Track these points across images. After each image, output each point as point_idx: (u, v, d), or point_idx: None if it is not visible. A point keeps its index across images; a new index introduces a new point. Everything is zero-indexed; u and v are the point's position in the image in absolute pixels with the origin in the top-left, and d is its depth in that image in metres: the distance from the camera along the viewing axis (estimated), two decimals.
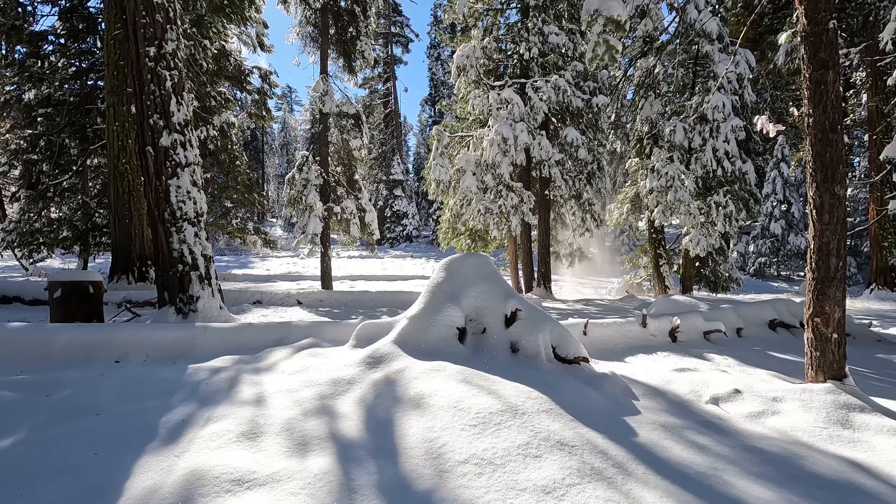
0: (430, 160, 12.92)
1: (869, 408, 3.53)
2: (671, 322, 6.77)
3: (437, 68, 41.16)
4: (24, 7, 13.56)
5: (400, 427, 3.01)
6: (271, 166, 54.38)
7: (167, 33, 7.08)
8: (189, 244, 7.10)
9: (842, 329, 3.92)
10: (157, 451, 2.74)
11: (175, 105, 7.11)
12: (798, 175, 23.44)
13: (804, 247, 21.86)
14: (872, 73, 15.41)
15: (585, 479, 2.51)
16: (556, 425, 3.00)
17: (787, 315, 7.54)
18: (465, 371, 3.65)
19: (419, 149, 45.46)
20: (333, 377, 3.80)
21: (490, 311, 4.60)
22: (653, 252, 13.65)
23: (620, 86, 13.72)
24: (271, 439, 2.88)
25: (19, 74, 14.17)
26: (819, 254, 3.89)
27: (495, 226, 12.50)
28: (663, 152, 11.43)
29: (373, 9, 12.26)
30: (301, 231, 11.28)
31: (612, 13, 5.44)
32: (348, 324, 5.93)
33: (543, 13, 12.46)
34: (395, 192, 38.17)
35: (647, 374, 4.49)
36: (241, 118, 17.69)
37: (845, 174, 3.93)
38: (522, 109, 11.70)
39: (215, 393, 3.57)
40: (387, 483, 2.50)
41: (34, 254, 14.88)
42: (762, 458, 2.88)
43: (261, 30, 16.00)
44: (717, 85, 9.70)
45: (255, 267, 22.26)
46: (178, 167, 7.11)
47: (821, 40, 3.82)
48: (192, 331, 5.42)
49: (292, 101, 60.01)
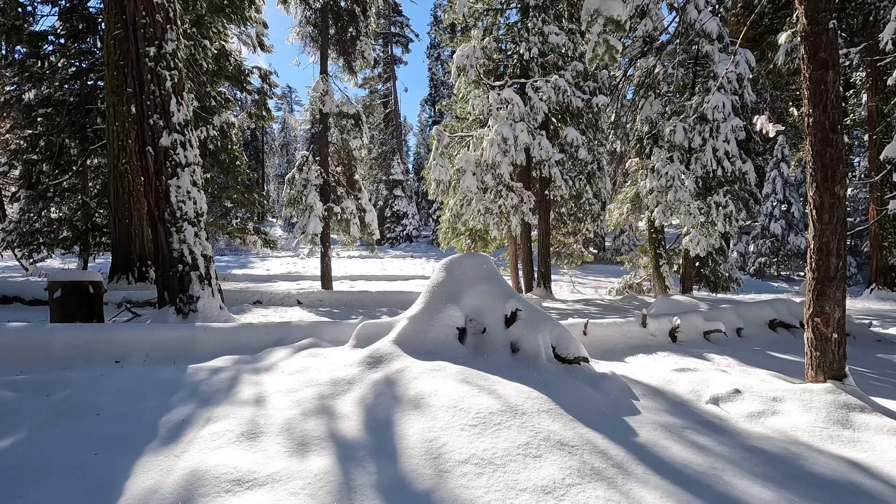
0: (430, 160, 12.91)
1: (869, 408, 3.53)
2: (671, 322, 6.77)
3: (437, 68, 41.15)
4: (24, 7, 13.56)
5: (400, 427, 3.01)
6: (271, 166, 54.35)
7: (167, 33, 7.08)
8: (189, 244, 7.10)
9: (842, 329, 3.93)
10: (157, 451, 2.74)
11: (175, 105, 7.11)
12: (798, 175, 23.43)
13: (804, 247, 21.85)
14: (872, 73, 15.41)
15: (585, 479, 2.51)
16: (556, 425, 3.00)
17: (787, 315, 7.54)
18: (465, 371, 3.65)
19: (419, 149, 45.44)
20: (333, 377, 3.80)
21: (490, 311, 4.60)
22: (653, 252, 13.65)
23: (620, 86, 13.71)
24: (271, 439, 2.88)
25: (19, 74, 14.17)
26: (819, 254, 3.89)
27: (495, 226, 12.50)
28: (663, 152, 11.43)
29: (373, 9, 12.26)
30: (301, 231, 11.28)
31: (612, 13, 5.44)
32: (348, 324, 5.94)
33: (543, 13, 12.46)
34: (395, 192, 38.17)
35: (647, 374, 4.49)
36: (241, 118, 17.69)
37: (845, 174, 3.94)
38: (522, 109, 11.70)
39: (215, 393, 3.57)
40: (387, 483, 2.50)
41: (34, 254, 14.88)
42: (762, 458, 2.88)
43: (261, 30, 16.00)
44: (717, 85, 9.70)
45: (254, 267, 22.25)
46: (178, 167, 7.11)
47: (821, 40, 3.82)
48: (192, 331, 5.42)
49: (292, 101, 60.04)
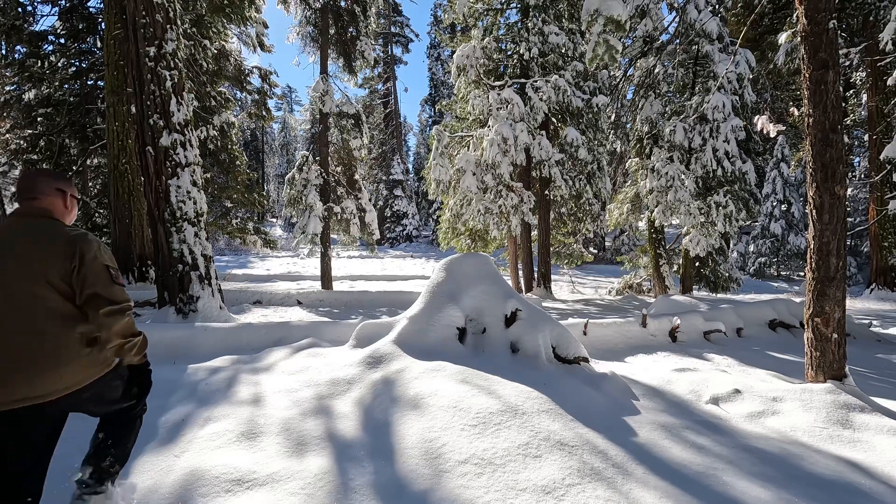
0: (430, 160, 12.91)
1: (869, 408, 3.53)
2: (671, 322, 6.77)
3: (437, 68, 41.14)
4: (24, 7, 13.55)
5: (399, 427, 3.01)
6: (271, 166, 54.35)
7: (167, 33, 7.08)
8: (189, 244, 7.10)
9: (842, 329, 3.92)
10: (156, 451, 2.74)
11: (175, 105, 7.11)
12: (798, 175, 23.42)
13: (804, 247, 21.85)
14: (872, 73, 15.40)
15: (585, 479, 2.51)
16: (556, 425, 3.00)
17: (787, 315, 7.54)
18: (465, 371, 3.64)
19: (419, 149, 45.44)
20: (333, 377, 3.79)
21: (490, 311, 4.60)
22: (653, 252, 13.64)
23: (620, 86, 13.71)
24: (271, 439, 2.88)
25: (19, 74, 14.18)
26: (819, 254, 3.89)
27: (495, 226, 12.49)
28: (663, 152, 11.43)
29: (373, 9, 12.26)
30: (301, 231, 11.28)
31: (612, 13, 5.44)
32: (348, 324, 5.94)
33: (543, 13, 12.46)
34: (395, 192, 38.16)
35: (646, 374, 4.49)
36: (241, 118, 17.71)
37: (845, 174, 3.93)
38: (522, 109, 11.70)
39: (215, 393, 3.57)
40: (386, 483, 2.50)
41: None
42: (762, 459, 2.88)
43: (261, 30, 15.99)
44: (717, 85, 9.69)
45: (254, 267, 22.24)
46: (178, 167, 7.10)
47: (821, 40, 3.82)
48: (191, 331, 5.42)
49: (292, 101, 60.04)
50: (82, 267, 1.75)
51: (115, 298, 1.80)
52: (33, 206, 1.86)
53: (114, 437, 2.06)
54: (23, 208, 1.86)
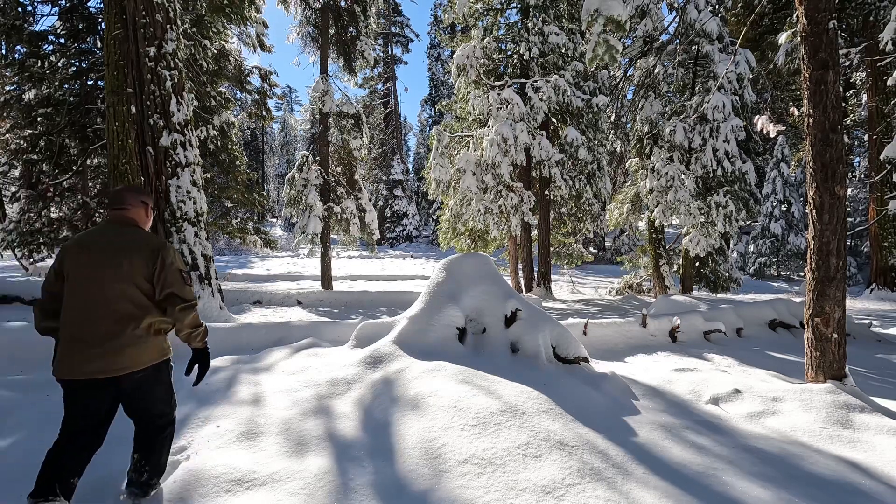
0: (430, 160, 12.90)
1: (869, 408, 3.53)
2: (671, 322, 6.77)
3: (437, 68, 41.12)
4: (24, 7, 13.55)
5: (399, 427, 3.01)
6: (271, 166, 54.33)
7: (167, 33, 7.08)
8: (189, 244, 7.10)
9: (842, 329, 3.92)
10: None
11: (175, 105, 7.12)
12: (798, 175, 23.42)
13: (804, 247, 21.84)
14: (872, 73, 15.40)
15: (585, 479, 2.51)
16: (556, 425, 3.00)
17: (787, 315, 7.54)
18: (465, 371, 3.64)
19: (419, 149, 45.41)
20: (333, 377, 3.79)
21: (490, 311, 4.60)
22: (653, 252, 13.64)
23: (620, 86, 13.71)
24: (271, 439, 2.88)
25: (19, 74, 14.15)
26: (819, 254, 3.89)
27: (495, 226, 12.49)
28: (663, 152, 11.43)
29: (373, 9, 12.26)
30: (301, 231, 11.28)
31: (612, 13, 5.44)
32: (348, 324, 5.94)
33: (543, 13, 12.46)
34: (395, 192, 38.14)
35: (646, 374, 4.49)
36: (241, 118, 17.67)
37: (845, 174, 3.93)
38: (522, 109, 11.70)
39: (214, 393, 3.57)
40: (386, 483, 2.50)
41: (34, 254, 14.86)
42: (762, 459, 2.88)
43: (261, 30, 15.97)
44: (717, 85, 9.69)
45: (254, 267, 22.24)
46: (178, 167, 7.11)
47: (821, 40, 3.82)
48: None
49: (292, 101, 60.00)
50: (163, 271, 2.18)
51: (187, 297, 2.22)
52: (124, 215, 2.28)
53: (146, 455, 2.33)
54: (115, 217, 2.28)
